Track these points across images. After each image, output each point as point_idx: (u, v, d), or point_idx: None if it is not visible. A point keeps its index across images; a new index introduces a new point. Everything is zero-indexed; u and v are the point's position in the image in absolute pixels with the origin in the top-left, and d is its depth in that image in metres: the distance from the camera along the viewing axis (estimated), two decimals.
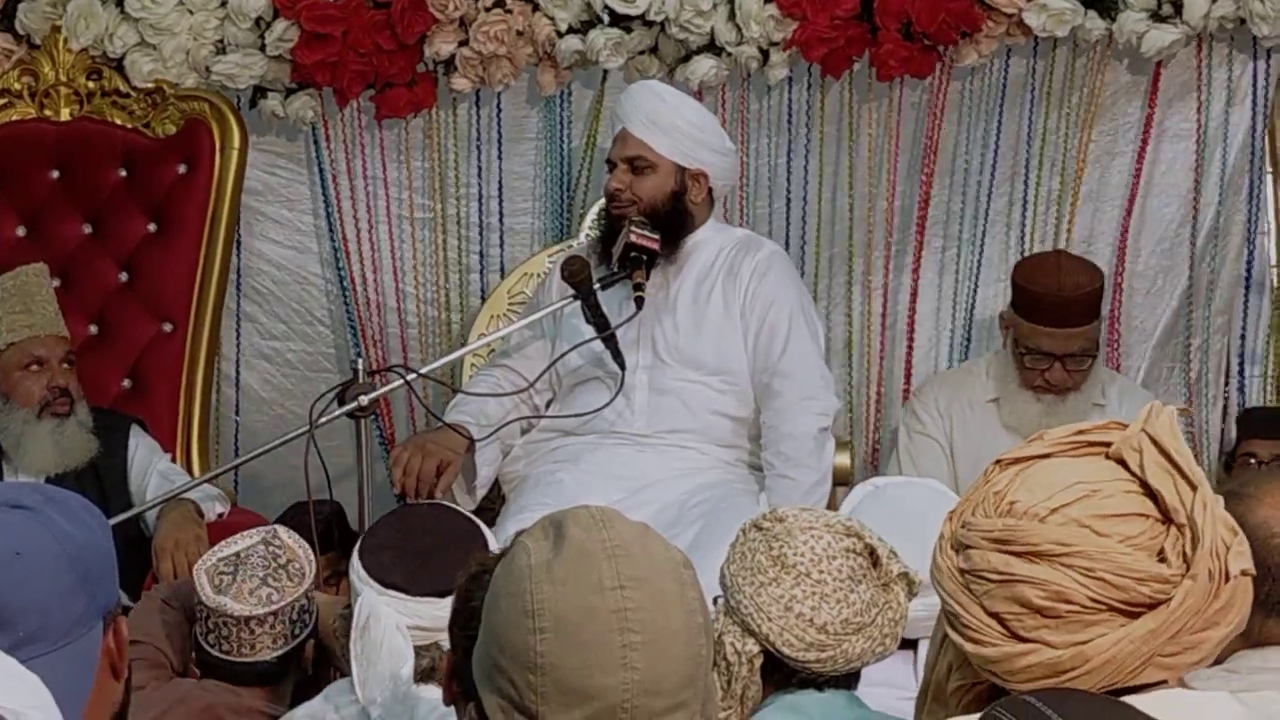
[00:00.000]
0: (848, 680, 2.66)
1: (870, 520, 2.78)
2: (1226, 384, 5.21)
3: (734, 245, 4.62)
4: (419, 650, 3.04)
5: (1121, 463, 1.95)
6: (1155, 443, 1.94)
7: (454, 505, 3.55)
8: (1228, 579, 1.91)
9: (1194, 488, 1.92)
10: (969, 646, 1.92)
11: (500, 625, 1.94)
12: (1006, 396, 4.73)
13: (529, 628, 1.90)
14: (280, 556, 3.44)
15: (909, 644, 2.86)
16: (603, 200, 4.88)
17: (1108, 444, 1.97)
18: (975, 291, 5.19)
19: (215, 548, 3.48)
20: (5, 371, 4.57)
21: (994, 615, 1.91)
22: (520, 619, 1.91)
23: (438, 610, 2.97)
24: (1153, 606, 1.89)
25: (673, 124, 4.54)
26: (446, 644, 2.93)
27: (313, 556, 3.50)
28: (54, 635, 1.87)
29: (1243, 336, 5.19)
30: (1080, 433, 1.99)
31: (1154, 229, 5.17)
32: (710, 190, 4.61)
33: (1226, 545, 1.91)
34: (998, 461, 2.00)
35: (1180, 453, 1.94)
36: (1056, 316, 4.61)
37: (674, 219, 4.54)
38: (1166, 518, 1.92)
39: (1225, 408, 5.22)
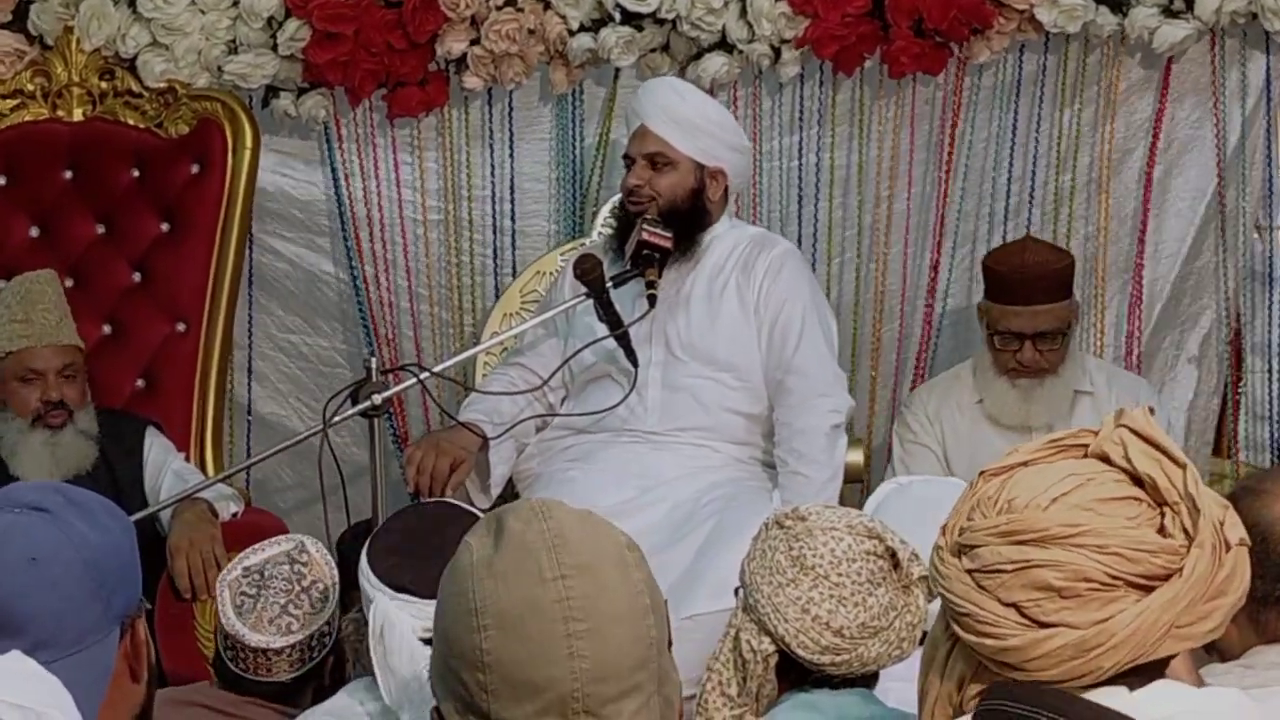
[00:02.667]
0: (865, 679, 2.65)
1: (894, 518, 2.77)
2: (1240, 379, 5.21)
3: (748, 242, 4.62)
4: None
5: (1104, 459, 1.98)
6: (1136, 433, 1.97)
7: (458, 502, 3.53)
8: (1228, 548, 1.94)
9: (1182, 466, 1.96)
10: (988, 642, 1.93)
11: (447, 627, 1.93)
12: (985, 385, 4.79)
13: (473, 626, 1.89)
14: (304, 577, 3.38)
15: None
16: (615, 198, 4.89)
17: (1084, 445, 2.00)
18: None
19: (241, 555, 3.43)
20: (4, 380, 4.57)
21: (1011, 605, 1.92)
22: (465, 618, 1.90)
23: None
24: (1165, 578, 1.91)
25: (693, 122, 4.55)
26: None
27: (337, 576, 3.45)
28: (65, 642, 1.86)
29: (1268, 331, 5.18)
30: (1054, 441, 2.03)
31: (1168, 224, 5.17)
32: (726, 188, 4.62)
33: (1220, 519, 1.94)
34: (981, 474, 2.03)
35: (1162, 438, 1.98)
36: (1022, 294, 4.69)
37: (691, 216, 4.54)
38: (1157, 502, 1.95)
39: (1238, 401, 5.22)
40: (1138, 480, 1.96)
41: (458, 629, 1.91)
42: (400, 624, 3.00)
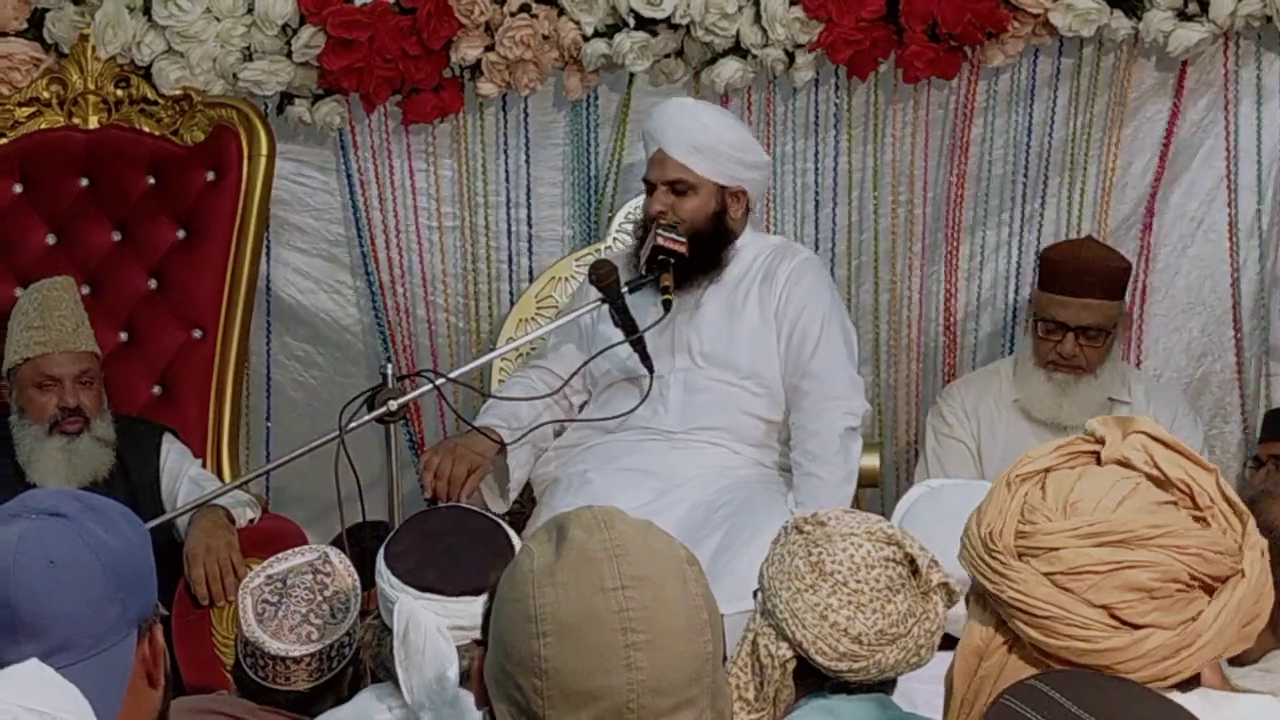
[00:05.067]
0: (882, 685, 2.64)
1: (926, 521, 2.77)
2: (1260, 383, 5.20)
3: (770, 251, 4.63)
4: (461, 650, 3.02)
5: (1125, 464, 1.97)
6: (1158, 440, 1.96)
7: (469, 505, 3.53)
8: (1263, 552, 1.96)
9: (1211, 471, 1.97)
10: (1080, 645, 1.91)
11: (505, 631, 1.95)
12: (1022, 375, 4.77)
13: (532, 632, 1.91)
14: (326, 587, 3.38)
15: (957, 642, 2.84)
16: (630, 203, 4.91)
17: (1094, 452, 2.00)
18: (1006, 293, 5.19)
19: (265, 563, 3.43)
20: (21, 386, 4.58)
21: (1101, 607, 1.91)
22: (524, 624, 1.92)
23: (475, 608, 2.94)
24: (1225, 579, 1.92)
25: (712, 146, 4.54)
26: None
27: (359, 586, 3.44)
28: (85, 644, 1.87)
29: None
30: (1061, 448, 2.03)
31: (1184, 228, 5.16)
32: (748, 204, 4.62)
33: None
34: (1007, 483, 2.01)
35: (1182, 444, 1.99)
36: (1071, 284, 4.69)
37: (715, 238, 4.55)
38: (1191, 506, 1.95)
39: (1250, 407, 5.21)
40: (1164, 486, 1.96)
41: (516, 634, 1.92)
42: (425, 623, 3.00)
